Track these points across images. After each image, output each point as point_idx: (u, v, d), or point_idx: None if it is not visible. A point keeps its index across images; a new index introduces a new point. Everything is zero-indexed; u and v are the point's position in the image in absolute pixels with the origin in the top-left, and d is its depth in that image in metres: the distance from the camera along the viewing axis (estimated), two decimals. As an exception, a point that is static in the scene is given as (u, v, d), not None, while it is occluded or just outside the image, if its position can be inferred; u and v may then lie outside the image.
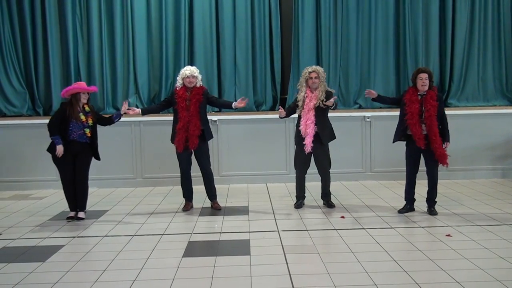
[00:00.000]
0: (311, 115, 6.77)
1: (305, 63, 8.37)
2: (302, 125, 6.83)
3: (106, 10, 9.51)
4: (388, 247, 5.28)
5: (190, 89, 6.87)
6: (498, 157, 9.22)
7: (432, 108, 6.31)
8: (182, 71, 6.94)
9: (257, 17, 9.69)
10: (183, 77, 6.87)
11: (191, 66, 7.07)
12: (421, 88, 6.38)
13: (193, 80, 6.86)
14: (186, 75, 6.84)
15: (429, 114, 6.32)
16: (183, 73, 6.88)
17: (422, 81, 6.36)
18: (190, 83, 6.86)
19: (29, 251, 5.47)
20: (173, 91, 7.01)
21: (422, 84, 6.35)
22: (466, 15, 9.76)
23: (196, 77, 6.89)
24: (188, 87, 6.86)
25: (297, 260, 5.02)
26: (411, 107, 6.38)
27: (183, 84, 6.88)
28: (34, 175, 8.83)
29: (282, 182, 8.89)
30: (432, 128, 6.33)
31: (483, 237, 5.59)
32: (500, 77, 9.96)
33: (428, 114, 6.32)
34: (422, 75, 6.37)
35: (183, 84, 6.88)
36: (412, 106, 6.38)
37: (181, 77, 6.89)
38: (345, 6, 9.74)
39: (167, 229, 6.20)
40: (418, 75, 6.42)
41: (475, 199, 7.54)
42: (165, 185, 8.79)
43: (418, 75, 6.42)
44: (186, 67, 7.08)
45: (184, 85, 6.88)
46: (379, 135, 8.93)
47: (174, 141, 6.91)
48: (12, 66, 9.43)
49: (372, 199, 7.63)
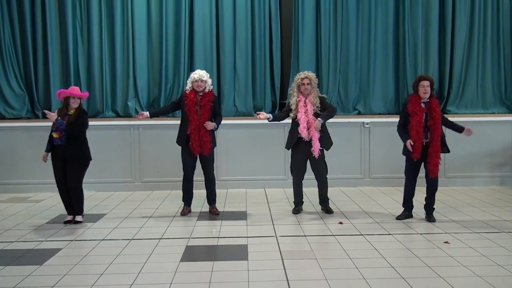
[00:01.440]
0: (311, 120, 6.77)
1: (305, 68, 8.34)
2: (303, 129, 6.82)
3: (107, 13, 9.51)
4: (386, 253, 5.28)
5: (200, 93, 6.88)
6: (497, 164, 9.23)
7: (437, 116, 6.35)
8: (191, 74, 6.99)
9: (257, 21, 9.70)
10: (192, 80, 6.90)
11: (200, 70, 7.05)
12: (423, 95, 6.38)
13: (202, 84, 6.87)
14: (194, 78, 6.87)
15: (434, 122, 6.35)
16: (192, 76, 6.91)
17: (424, 89, 6.36)
18: (198, 87, 6.87)
19: (27, 254, 5.45)
20: (183, 94, 7.03)
21: (424, 92, 6.36)
22: (465, 22, 9.78)
23: (205, 81, 6.91)
24: (197, 91, 6.88)
25: (295, 265, 5.00)
26: (416, 119, 6.36)
27: (192, 87, 6.90)
28: (32, 178, 8.81)
29: (280, 187, 8.89)
30: (435, 137, 6.36)
31: (481, 244, 5.59)
32: (499, 84, 9.97)
33: (433, 122, 6.35)
34: (424, 83, 6.38)
35: (192, 88, 6.90)
36: (416, 118, 6.36)
37: (190, 80, 6.93)
38: (345, 11, 9.76)
39: (165, 233, 6.19)
40: (420, 82, 6.41)
41: (473, 206, 7.54)
42: (163, 189, 8.78)
43: (420, 82, 6.41)
44: (196, 70, 7.09)
45: (193, 88, 6.89)
46: (378, 141, 8.94)
47: (189, 146, 6.86)
48: (11, 68, 9.42)
49: (371, 205, 7.63)
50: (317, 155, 6.83)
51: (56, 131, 6.44)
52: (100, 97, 9.57)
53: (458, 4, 9.76)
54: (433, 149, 6.39)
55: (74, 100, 6.54)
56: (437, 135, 6.37)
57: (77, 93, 6.60)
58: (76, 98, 6.55)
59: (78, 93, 6.63)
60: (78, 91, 6.70)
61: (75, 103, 6.54)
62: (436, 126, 6.35)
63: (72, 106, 6.52)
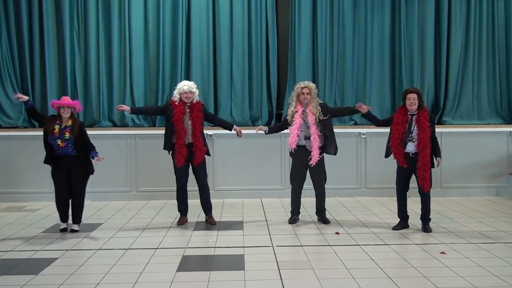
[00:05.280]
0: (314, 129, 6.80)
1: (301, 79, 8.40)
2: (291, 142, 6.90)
3: (104, 23, 9.54)
4: (382, 263, 5.28)
5: (188, 104, 6.88)
6: (492, 175, 9.26)
7: (426, 129, 6.40)
8: (180, 85, 6.93)
9: (254, 32, 9.75)
10: (180, 92, 6.86)
11: (188, 82, 7.03)
12: (409, 107, 6.51)
13: (191, 96, 6.87)
14: (184, 90, 6.83)
15: (424, 135, 6.40)
16: (181, 88, 6.86)
17: (410, 101, 6.50)
18: (187, 99, 6.86)
19: (22, 263, 5.43)
20: (170, 103, 6.97)
21: (410, 104, 6.49)
22: (461, 33, 9.86)
23: (194, 92, 6.89)
24: (185, 102, 6.87)
25: (291, 275, 5.00)
26: (397, 128, 6.54)
27: (180, 98, 6.89)
28: (28, 187, 8.80)
29: (277, 197, 8.89)
30: (425, 149, 6.40)
31: (478, 254, 5.60)
32: (495, 95, 10.03)
33: (422, 135, 6.40)
34: (410, 95, 6.53)
35: (180, 99, 6.89)
36: (398, 128, 6.54)
37: (178, 91, 6.88)
38: (341, 22, 9.81)
39: (161, 243, 6.18)
40: (406, 95, 6.57)
41: (469, 216, 7.56)
42: (159, 199, 8.76)
43: (406, 95, 6.57)
44: (183, 81, 7.07)
45: (181, 99, 6.88)
46: (374, 152, 8.96)
47: (175, 158, 6.87)
48: (8, 77, 9.43)
49: (367, 216, 7.63)
50: (314, 164, 6.85)
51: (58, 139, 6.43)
52: (97, 106, 9.58)
53: (454, 15, 9.85)
54: (421, 163, 6.43)
55: (64, 110, 6.49)
56: (427, 147, 6.41)
57: (66, 102, 6.54)
58: (66, 108, 6.50)
59: (68, 102, 6.56)
60: (69, 100, 6.66)
61: (65, 112, 6.50)
62: (425, 140, 6.40)
63: (63, 116, 6.49)
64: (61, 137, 6.43)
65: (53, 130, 6.45)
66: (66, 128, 6.47)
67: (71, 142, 6.45)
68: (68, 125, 6.49)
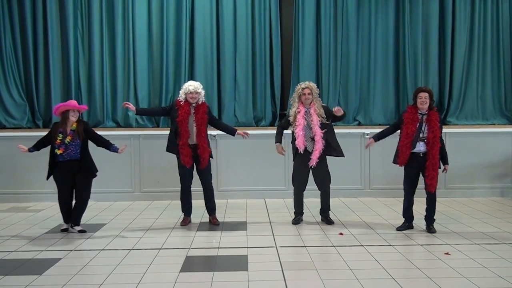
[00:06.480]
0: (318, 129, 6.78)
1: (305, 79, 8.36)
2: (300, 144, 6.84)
3: (108, 23, 9.55)
4: (386, 264, 5.26)
5: (193, 104, 6.86)
6: (497, 175, 9.23)
7: (437, 129, 6.40)
8: (185, 85, 6.91)
9: (257, 33, 9.73)
10: (186, 92, 6.83)
11: (194, 82, 7.01)
12: (420, 106, 6.45)
13: (196, 96, 6.84)
14: (189, 90, 6.80)
15: (434, 135, 6.40)
16: (187, 88, 6.83)
17: (422, 100, 6.45)
18: (193, 99, 6.83)
19: (26, 263, 5.44)
20: (175, 103, 6.96)
21: (421, 103, 6.45)
22: (465, 34, 9.81)
23: (200, 93, 6.86)
24: (191, 102, 6.86)
25: (294, 276, 4.99)
26: (408, 128, 6.47)
27: (185, 99, 6.87)
28: (32, 187, 8.82)
29: (280, 197, 8.89)
30: (434, 149, 6.39)
31: (482, 255, 5.58)
32: (499, 96, 9.98)
33: (432, 135, 6.40)
34: (422, 94, 6.48)
35: (185, 99, 6.87)
36: (409, 127, 6.47)
37: (184, 91, 6.85)
38: (345, 23, 9.79)
39: (165, 244, 6.17)
40: (418, 94, 6.52)
41: (474, 217, 7.53)
42: (163, 199, 8.77)
43: (418, 94, 6.52)
44: (189, 82, 7.05)
45: (186, 99, 6.87)
46: (378, 152, 8.93)
47: (181, 159, 6.85)
48: (12, 78, 9.44)
49: (371, 216, 7.61)
50: (314, 165, 6.83)
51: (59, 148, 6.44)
52: (101, 107, 9.58)
53: (458, 16, 9.80)
54: (430, 163, 6.43)
55: (74, 113, 6.53)
56: (436, 148, 6.40)
57: (77, 106, 6.61)
58: (75, 111, 6.55)
59: (78, 106, 6.63)
60: (75, 103, 6.68)
61: (74, 116, 6.53)
62: (435, 140, 6.39)
63: (71, 120, 6.51)
64: (62, 144, 6.44)
65: (55, 139, 6.48)
66: (70, 132, 6.49)
67: (77, 146, 6.47)
68: (73, 128, 6.51)
